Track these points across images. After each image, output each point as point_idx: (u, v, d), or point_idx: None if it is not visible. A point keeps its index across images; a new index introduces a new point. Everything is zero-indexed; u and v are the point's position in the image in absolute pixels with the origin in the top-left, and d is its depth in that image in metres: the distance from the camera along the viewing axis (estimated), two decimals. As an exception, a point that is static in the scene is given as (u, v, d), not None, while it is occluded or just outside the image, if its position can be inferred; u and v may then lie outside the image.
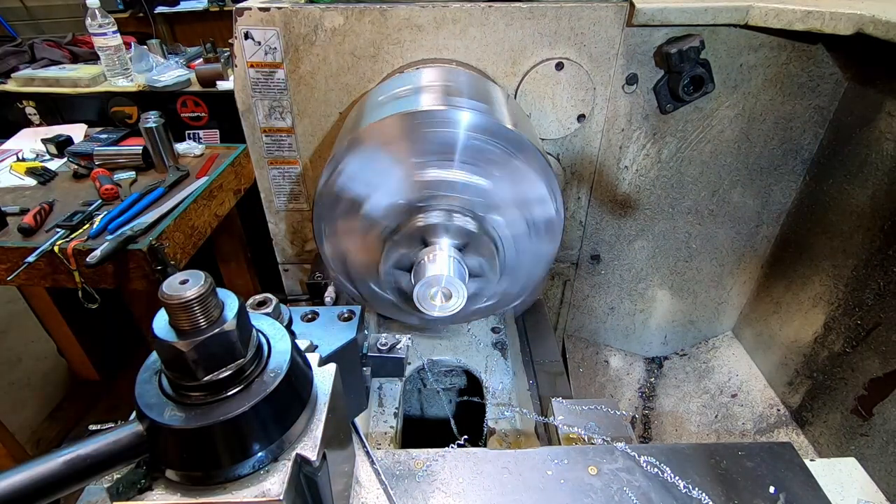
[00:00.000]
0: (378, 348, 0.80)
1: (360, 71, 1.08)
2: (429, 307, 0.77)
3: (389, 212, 0.81)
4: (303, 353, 0.55)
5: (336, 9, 1.01)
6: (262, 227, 1.30)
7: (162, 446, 0.46)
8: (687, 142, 1.22)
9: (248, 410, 0.45)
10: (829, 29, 0.95)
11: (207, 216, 1.83)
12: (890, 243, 1.04)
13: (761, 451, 0.71)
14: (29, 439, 2.34)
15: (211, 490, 0.47)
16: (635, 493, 0.66)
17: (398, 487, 0.68)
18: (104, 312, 1.64)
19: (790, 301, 1.35)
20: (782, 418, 1.35)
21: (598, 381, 1.56)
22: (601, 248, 1.40)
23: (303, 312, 0.71)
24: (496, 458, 0.71)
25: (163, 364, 0.46)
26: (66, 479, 0.43)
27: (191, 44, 3.13)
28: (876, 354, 1.07)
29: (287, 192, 1.24)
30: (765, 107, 1.17)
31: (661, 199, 1.31)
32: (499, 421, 1.06)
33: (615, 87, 1.12)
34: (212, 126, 2.44)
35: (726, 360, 1.55)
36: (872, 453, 1.07)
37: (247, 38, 1.03)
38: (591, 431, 0.79)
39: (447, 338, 1.25)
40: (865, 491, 0.76)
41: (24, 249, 1.45)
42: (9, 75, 2.49)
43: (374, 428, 1.05)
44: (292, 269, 1.37)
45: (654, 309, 1.54)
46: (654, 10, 0.99)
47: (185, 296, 0.42)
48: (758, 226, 1.37)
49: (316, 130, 1.15)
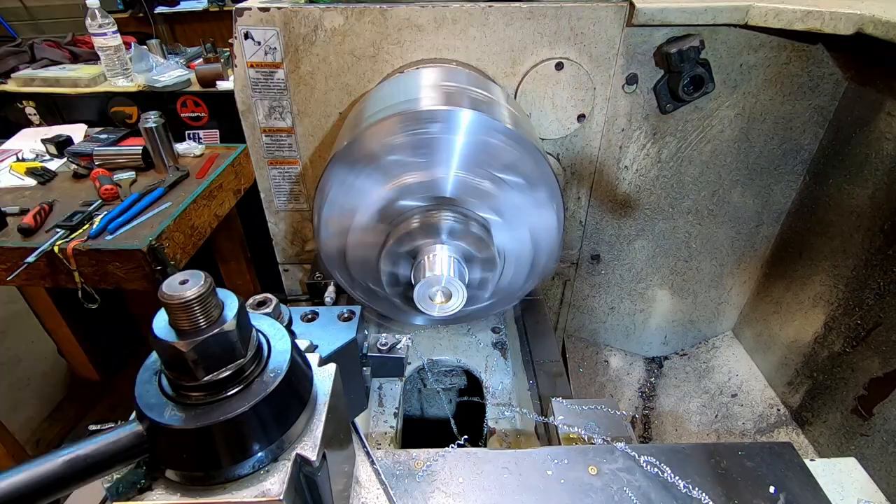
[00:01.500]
0: (378, 348, 0.80)
1: (360, 71, 1.08)
2: (429, 307, 0.77)
3: (388, 212, 0.81)
4: (303, 353, 0.55)
5: (336, 9, 1.01)
6: (262, 227, 1.30)
7: (162, 446, 0.46)
8: (687, 142, 1.22)
9: (248, 410, 0.45)
10: (829, 29, 0.95)
11: (207, 216, 1.83)
12: (890, 243, 1.04)
13: (761, 451, 0.71)
14: (29, 439, 2.34)
15: (211, 490, 0.47)
16: (635, 493, 0.66)
17: (398, 487, 0.68)
18: (104, 312, 1.64)
19: (790, 301, 1.35)
20: (782, 418, 1.35)
21: (598, 381, 1.56)
22: (601, 247, 1.40)
23: (303, 312, 0.71)
24: (496, 458, 0.71)
25: (163, 364, 0.46)
26: (66, 479, 0.43)
27: (191, 44, 3.13)
28: (876, 354, 1.07)
29: (287, 192, 1.24)
30: (765, 107, 1.17)
31: (661, 198, 1.31)
32: (499, 421, 1.06)
33: (615, 86, 1.12)
34: (212, 126, 2.44)
35: (726, 360, 1.55)
36: (872, 453, 1.07)
37: (247, 38, 1.03)
38: (591, 431, 0.79)
39: (447, 338, 1.25)
40: (865, 491, 0.76)
41: (24, 250, 1.45)
42: (9, 75, 2.49)
43: (374, 428, 1.05)
44: (292, 269, 1.37)
45: (654, 309, 1.54)
46: (654, 10, 0.99)
47: (184, 296, 0.42)
48: (758, 226, 1.37)
49: (316, 130, 1.15)
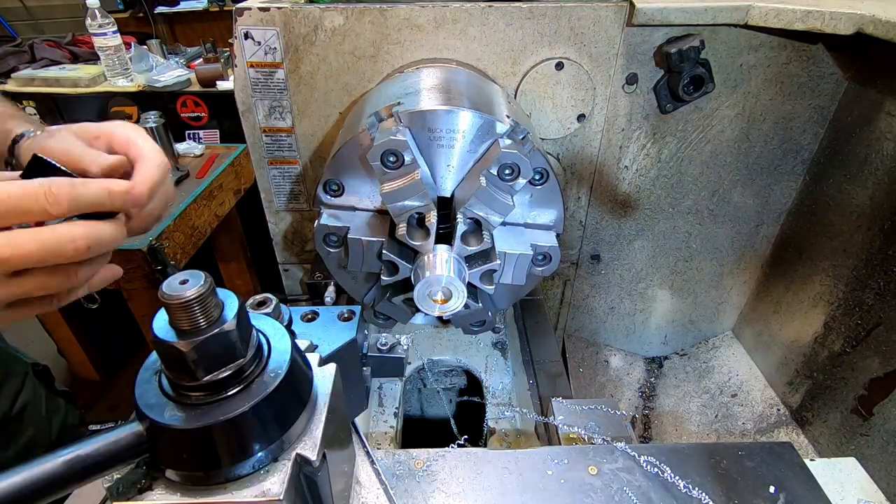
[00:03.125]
0: (378, 348, 0.80)
1: (360, 71, 1.07)
2: (429, 307, 0.77)
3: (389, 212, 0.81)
4: (303, 353, 0.55)
5: (336, 9, 1.01)
6: (262, 227, 1.30)
7: (162, 446, 0.46)
8: (687, 142, 1.22)
9: (248, 410, 0.45)
10: (829, 29, 0.95)
11: (207, 216, 1.83)
12: (890, 243, 1.04)
13: (761, 451, 0.71)
14: (29, 439, 2.34)
15: (211, 490, 0.47)
16: (635, 493, 0.66)
17: (398, 487, 0.68)
18: (104, 312, 1.64)
19: (790, 301, 1.35)
20: (782, 418, 1.35)
21: (598, 381, 1.56)
22: (601, 247, 1.40)
23: (303, 312, 0.71)
24: (496, 458, 0.71)
25: (163, 364, 0.46)
26: (65, 479, 0.43)
27: (191, 44, 3.14)
28: (876, 354, 1.07)
29: (287, 192, 1.24)
30: (765, 107, 1.17)
31: (661, 198, 1.31)
32: (499, 421, 1.06)
33: (615, 86, 1.12)
34: (212, 126, 2.44)
35: (726, 360, 1.55)
36: (872, 453, 1.07)
37: (247, 38, 1.03)
38: (591, 431, 0.79)
39: (447, 338, 1.25)
40: (865, 491, 0.76)
41: (24, 249, 1.44)
42: (9, 75, 2.49)
43: (374, 428, 1.05)
44: (292, 269, 1.37)
45: (654, 309, 1.54)
46: (654, 9, 0.99)
47: (185, 296, 0.42)
48: (758, 226, 1.37)
49: (316, 130, 1.15)
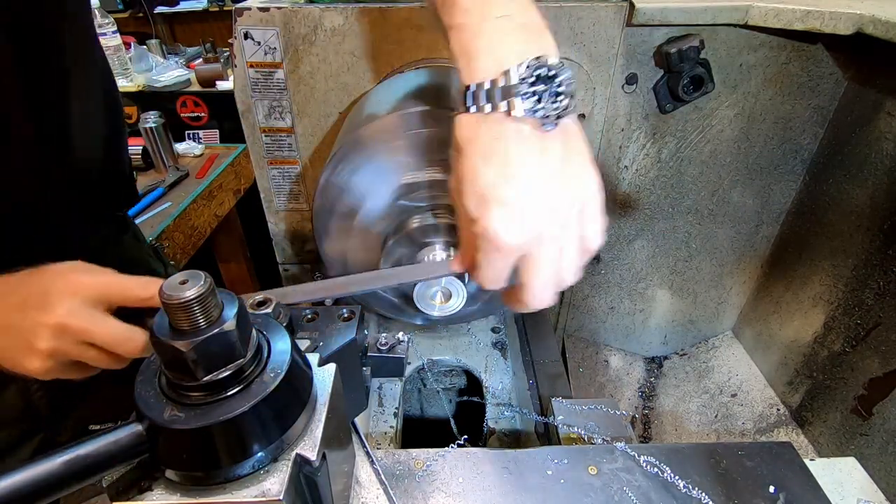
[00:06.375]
0: (378, 348, 0.80)
1: (360, 71, 1.07)
2: (428, 307, 0.77)
3: (388, 212, 0.81)
4: (303, 353, 0.55)
5: (336, 9, 1.01)
6: (262, 227, 1.30)
7: (162, 446, 0.46)
8: (687, 141, 1.22)
9: (247, 410, 0.45)
10: (829, 29, 0.95)
11: (207, 216, 1.83)
12: (890, 243, 1.04)
13: (761, 451, 0.71)
14: (28, 440, 2.33)
15: (211, 490, 0.47)
16: (635, 492, 0.66)
17: (398, 487, 0.68)
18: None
19: (790, 301, 1.35)
20: (782, 418, 1.35)
21: (598, 381, 1.56)
22: (601, 247, 1.40)
23: (303, 312, 0.71)
24: (496, 458, 0.71)
25: (162, 364, 0.46)
26: (65, 479, 0.43)
27: (190, 44, 3.14)
28: (876, 354, 1.07)
29: (287, 192, 1.24)
30: (765, 106, 1.17)
31: (660, 198, 1.31)
32: (499, 421, 1.06)
33: (615, 86, 1.12)
34: (212, 126, 2.44)
35: (726, 360, 1.55)
36: (872, 453, 1.07)
37: (246, 38, 1.03)
38: (591, 431, 0.79)
39: (447, 338, 1.25)
40: (865, 491, 0.76)
41: (24, 249, 1.44)
42: (8, 75, 2.48)
43: (374, 428, 1.05)
44: (292, 269, 1.37)
45: (654, 309, 1.54)
46: (654, 9, 0.99)
47: (184, 296, 0.42)
48: (758, 226, 1.37)
49: (316, 130, 1.15)
